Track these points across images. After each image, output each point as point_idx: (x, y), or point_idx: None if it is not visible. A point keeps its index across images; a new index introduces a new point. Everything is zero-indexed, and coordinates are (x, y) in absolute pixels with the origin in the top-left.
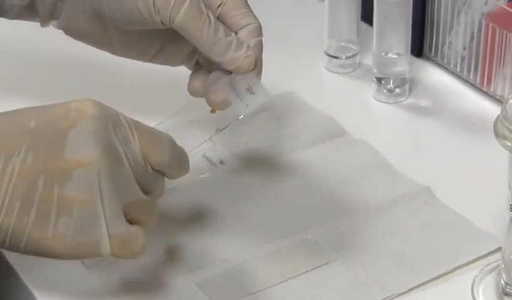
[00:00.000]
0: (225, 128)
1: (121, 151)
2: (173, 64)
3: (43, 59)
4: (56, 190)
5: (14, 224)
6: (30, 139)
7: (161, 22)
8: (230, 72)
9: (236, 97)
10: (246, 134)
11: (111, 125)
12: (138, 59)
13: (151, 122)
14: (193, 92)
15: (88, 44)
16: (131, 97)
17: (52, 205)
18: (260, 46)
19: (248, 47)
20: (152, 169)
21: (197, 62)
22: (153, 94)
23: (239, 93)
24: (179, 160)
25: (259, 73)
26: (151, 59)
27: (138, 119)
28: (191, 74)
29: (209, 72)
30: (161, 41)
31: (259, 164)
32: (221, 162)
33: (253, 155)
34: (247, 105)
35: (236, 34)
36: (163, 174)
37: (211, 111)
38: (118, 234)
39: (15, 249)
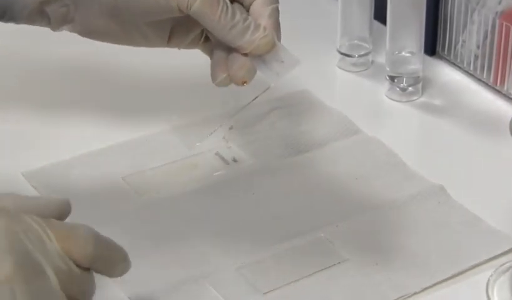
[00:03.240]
0: (256, 98)
1: (39, 260)
2: (187, 45)
3: (43, 65)
4: None
5: None
6: None
7: (178, 7)
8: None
9: (265, 66)
10: (259, 132)
11: (22, 233)
12: (157, 46)
13: (160, 124)
14: (219, 83)
15: (107, 42)
16: (135, 99)
17: None
18: (276, 13)
19: (265, 28)
20: (78, 266)
21: (206, 41)
22: (155, 96)
23: (267, 63)
24: (108, 252)
25: (278, 39)
26: (168, 44)
27: (143, 121)
28: (211, 64)
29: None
30: (170, 24)
31: (272, 162)
32: (234, 160)
33: (266, 154)
34: (277, 74)
35: (251, 4)
36: (90, 271)
37: (242, 83)
38: None
39: None
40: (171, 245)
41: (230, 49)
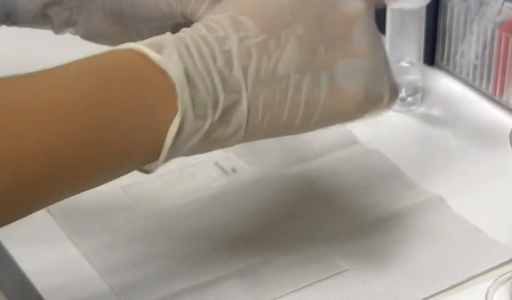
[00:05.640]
0: None
1: None
2: None
3: (43, 65)
4: (340, 47)
5: (305, 99)
6: (291, 15)
7: (181, 13)
8: None
9: None
10: (259, 142)
11: None
12: None
13: None
14: None
15: (108, 44)
16: None
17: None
18: None
19: None
20: None
21: None
22: None
23: None
24: None
25: None
26: None
27: None
28: None
29: None
30: (171, 26)
31: (271, 173)
32: (234, 171)
33: (265, 164)
34: None
35: None
36: None
37: None
38: (393, 85)
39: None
40: (169, 255)
41: None
